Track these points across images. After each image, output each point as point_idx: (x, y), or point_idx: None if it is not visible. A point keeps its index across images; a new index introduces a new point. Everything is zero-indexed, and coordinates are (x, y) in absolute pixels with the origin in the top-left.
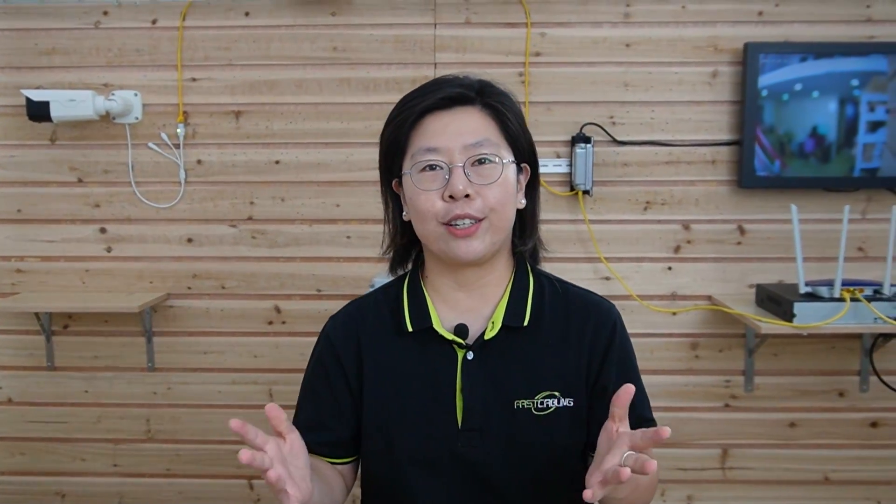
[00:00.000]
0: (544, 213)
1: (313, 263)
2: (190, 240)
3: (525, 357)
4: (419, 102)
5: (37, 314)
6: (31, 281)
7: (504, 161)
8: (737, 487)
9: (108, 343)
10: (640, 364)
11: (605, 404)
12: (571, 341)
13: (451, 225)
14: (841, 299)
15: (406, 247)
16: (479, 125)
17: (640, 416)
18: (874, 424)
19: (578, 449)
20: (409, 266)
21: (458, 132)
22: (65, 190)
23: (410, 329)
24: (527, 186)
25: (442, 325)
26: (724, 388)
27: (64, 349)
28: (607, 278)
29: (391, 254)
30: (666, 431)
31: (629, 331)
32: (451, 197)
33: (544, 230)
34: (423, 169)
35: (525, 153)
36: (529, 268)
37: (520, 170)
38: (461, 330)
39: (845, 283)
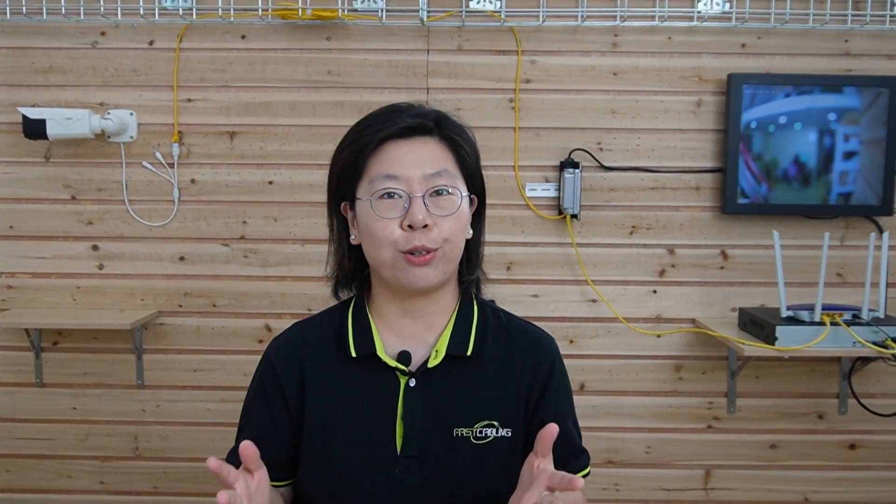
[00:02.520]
0: (533, 236)
1: (304, 283)
2: (182, 258)
3: (466, 386)
4: (379, 129)
5: (27, 330)
6: (21, 297)
7: (462, 194)
8: None
9: (98, 360)
10: (626, 385)
11: None
12: (512, 373)
13: (408, 253)
14: (821, 323)
15: (352, 270)
16: (438, 156)
17: (573, 444)
18: (852, 446)
19: (515, 480)
20: (353, 290)
21: (417, 162)
22: (58, 207)
23: (354, 355)
24: (473, 217)
25: (385, 351)
26: (707, 409)
27: (53, 366)
28: (594, 301)
29: (338, 278)
30: (579, 482)
31: (615, 353)
32: (409, 226)
33: (534, 252)
34: (382, 196)
35: (477, 185)
36: (474, 297)
37: (469, 201)
38: (404, 357)
39: (825, 308)
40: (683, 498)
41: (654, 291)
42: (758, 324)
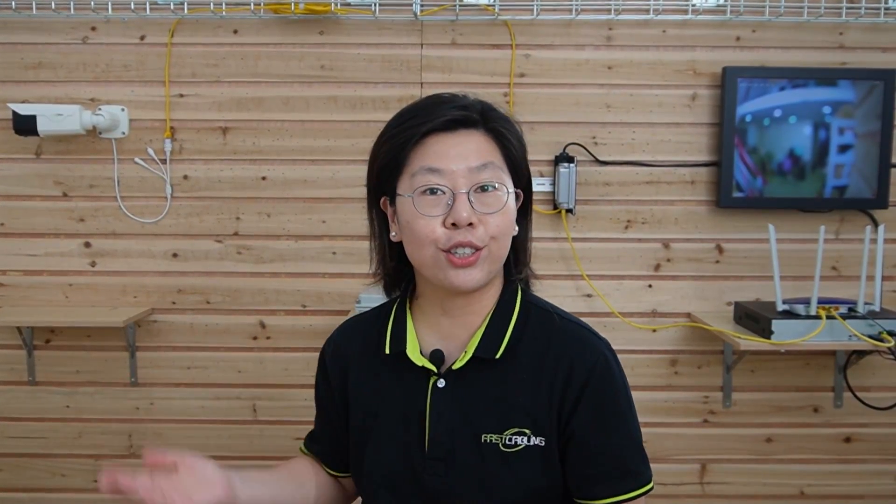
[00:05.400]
0: None
1: (298, 279)
2: (175, 255)
3: (496, 390)
4: (422, 122)
5: (19, 328)
6: (13, 295)
7: (509, 190)
8: (715, 502)
9: (91, 358)
10: None
11: (574, 450)
12: (546, 378)
13: (450, 252)
14: (817, 317)
15: (397, 268)
16: (483, 149)
17: (623, 468)
18: (848, 440)
19: (556, 491)
20: (401, 288)
21: (462, 155)
22: (49, 204)
23: (388, 351)
24: (518, 213)
25: (421, 349)
26: (703, 403)
27: (46, 364)
28: (589, 295)
29: (382, 276)
30: None
31: None
32: (453, 224)
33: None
34: (425, 192)
35: (523, 179)
36: (520, 297)
37: (515, 196)
38: (436, 356)
39: (821, 302)
40: (679, 492)
41: (650, 286)
42: (753, 318)
